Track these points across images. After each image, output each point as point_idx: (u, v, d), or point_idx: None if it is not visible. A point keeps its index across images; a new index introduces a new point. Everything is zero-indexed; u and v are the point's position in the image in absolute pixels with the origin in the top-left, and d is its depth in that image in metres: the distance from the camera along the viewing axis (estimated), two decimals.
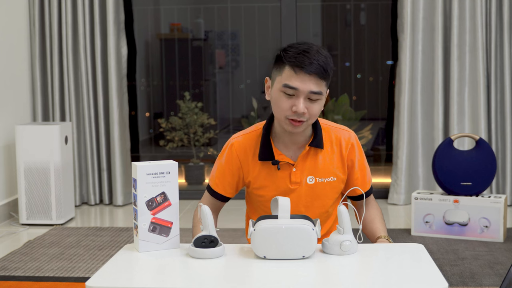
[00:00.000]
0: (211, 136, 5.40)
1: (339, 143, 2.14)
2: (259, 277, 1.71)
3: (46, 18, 4.62)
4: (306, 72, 1.96)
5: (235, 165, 2.16)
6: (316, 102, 2.00)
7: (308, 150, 2.11)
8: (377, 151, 6.07)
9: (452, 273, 3.08)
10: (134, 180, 1.86)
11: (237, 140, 2.16)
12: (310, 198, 2.13)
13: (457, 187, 3.71)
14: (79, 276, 3.12)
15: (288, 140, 2.12)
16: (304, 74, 1.97)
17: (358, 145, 2.17)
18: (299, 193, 2.12)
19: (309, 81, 1.97)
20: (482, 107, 4.45)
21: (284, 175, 2.12)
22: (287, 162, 2.11)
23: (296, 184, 2.11)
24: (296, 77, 1.97)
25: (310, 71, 1.96)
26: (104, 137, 4.71)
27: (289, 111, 2.00)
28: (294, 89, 1.98)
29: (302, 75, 1.97)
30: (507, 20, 4.42)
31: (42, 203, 4.13)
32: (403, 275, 1.71)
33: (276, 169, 2.11)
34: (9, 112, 4.40)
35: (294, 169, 2.11)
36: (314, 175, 2.11)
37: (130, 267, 1.80)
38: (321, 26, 6.78)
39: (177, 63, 6.64)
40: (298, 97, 1.99)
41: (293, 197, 2.11)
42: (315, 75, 1.97)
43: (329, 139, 2.14)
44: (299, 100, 1.98)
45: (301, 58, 1.97)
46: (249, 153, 2.14)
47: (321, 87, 2.00)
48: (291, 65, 1.98)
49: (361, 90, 6.52)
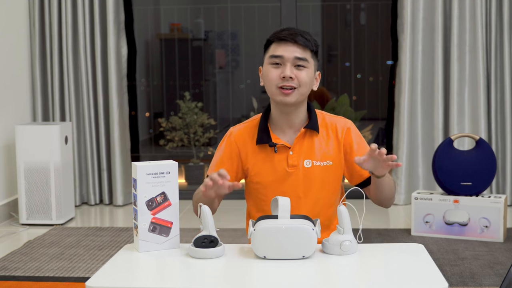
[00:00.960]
0: (211, 136, 5.41)
1: (335, 128, 2.20)
2: (259, 277, 1.71)
3: (46, 18, 4.62)
4: (288, 40, 2.12)
5: (234, 152, 2.21)
6: (303, 70, 2.12)
7: (304, 133, 2.17)
8: None
9: (452, 273, 3.08)
10: (134, 180, 1.86)
11: (236, 129, 2.25)
12: (307, 182, 2.17)
13: (457, 187, 3.71)
14: (79, 276, 3.12)
15: (284, 123, 2.18)
16: (287, 43, 2.12)
17: (354, 130, 2.23)
18: (297, 177, 2.16)
19: (292, 49, 2.11)
20: (482, 107, 4.45)
21: (281, 158, 2.17)
22: (284, 145, 2.17)
23: (293, 167, 2.16)
24: (280, 47, 2.13)
25: (292, 39, 2.11)
26: (104, 137, 4.71)
27: (278, 80, 2.12)
28: (280, 57, 2.12)
29: (285, 45, 2.12)
30: (507, 20, 4.42)
31: (42, 203, 4.13)
32: (403, 275, 1.71)
33: (273, 152, 2.17)
34: (9, 112, 4.40)
35: (291, 152, 2.16)
36: (310, 159, 2.17)
37: (130, 267, 1.80)
38: (321, 26, 6.79)
39: (177, 63, 6.64)
40: (285, 64, 2.12)
41: (291, 181, 2.16)
42: (298, 44, 2.11)
43: (325, 124, 2.21)
44: (286, 66, 2.11)
45: (283, 32, 2.14)
46: (248, 140, 2.21)
47: (306, 55, 2.12)
48: (275, 39, 2.14)
49: (361, 90, 6.52)
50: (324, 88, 5.88)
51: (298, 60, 2.11)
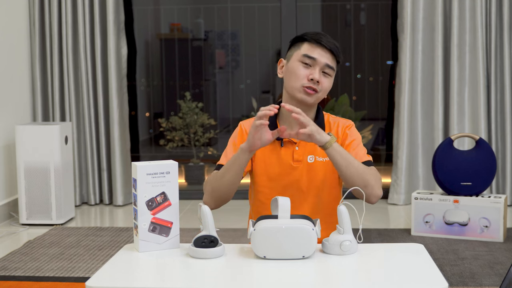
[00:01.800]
0: (211, 136, 5.41)
1: (337, 126, 2.29)
2: (259, 277, 1.71)
3: (46, 18, 4.62)
4: (324, 46, 2.20)
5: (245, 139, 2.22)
6: (328, 77, 2.21)
7: None
8: (377, 151, 6.07)
9: (452, 273, 3.08)
10: (134, 180, 1.86)
11: (246, 121, 2.34)
12: (310, 176, 2.24)
13: (457, 187, 3.71)
14: (79, 276, 3.12)
15: (293, 120, 2.22)
16: (322, 48, 2.20)
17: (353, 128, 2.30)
18: (301, 171, 2.24)
19: (325, 55, 2.20)
20: (482, 107, 4.45)
21: (287, 152, 2.24)
22: (290, 140, 2.24)
23: (298, 162, 2.24)
24: (315, 49, 2.20)
25: (328, 46, 2.20)
26: (104, 137, 4.71)
27: (305, 79, 2.19)
28: (313, 59, 2.19)
29: (320, 49, 2.20)
30: (507, 20, 4.42)
31: (42, 203, 4.13)
32: (403, 275, 1.71)
33: (280, 146, 2.24)
34: (9, 112, 4.40)
35: (297, 148, 2.24)
36: (314, 154, 2.24)
37: (130, 267, 1.80)
38: (321, 26, 6.78)
39: (177, 63, 6.64)
40: (315, 67, 2.19)
41: (295, 175, 2.23)
42: (331, 52, 2.20)
43: (329, 123, 2.30)
44: (316, 70, 2.19)
45: (320, 36, 2.22)
46: None
47: (334, 64, 2.22)
48: (311, 40, 2.21)
49: (361, 90, 6.52)
50: None
51: (327, 68, 2.20)
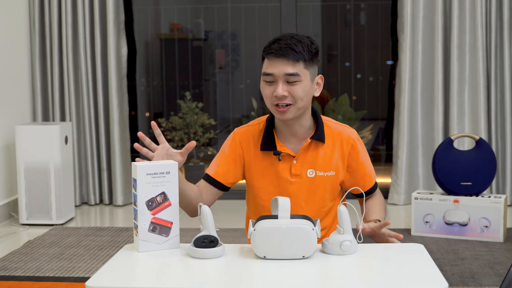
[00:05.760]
0: (211, 136, 5.41)
1: (341, 140, 2.17)
2: (259, 277, 1.71)
3: (46, 18, 4.62)
4: (277, 56, 2.04)
5: (238, 153, 2.20)
6: (296, 84, 2.06)
7: (309, 143, 2.15)
8: (377, 151, 6.07)
9: (452, 273, 3.08)
10: (134, 180, 1.86)
11: (241, 130, 2.22)
12: (310, 192, 2.16)
13: (457, 187, 3.71)
14: (79, 276, 3.12)
15: (287, 132, 2.16)
16: (276, 58, 2.05)
17: (360, 144, 2.21)
18: (300, 186, 2.15)
19: (281, 65, 2.04)
20: (482, 107, 4.45)
21: (285, 166, 2.15)
22: (288, 154, 2.14)
23: (296, 176, 2.15)
24: (271, 64, 2.06)
25: (280, 54, 2.04)
26: (104, 137, 4.71)
27: (272, 98, 2.07)
28: (271, 75, 2.06)
29: (275, 61, 2.05)
30: (507, 20, 4.42)
31: (42, 203, 4.13)
32: (403, 275, 1.71)
33: (277, 160, 2.15)
34: (9, 112, 4.40)
35: (295, 161, 2.14)
36: (314, 169, 2.15)
37: (130, 267, 1.80)
38: (321, 26, 6.78)
39: (177, 63, 6.63)
40: (277, 82, 2.06)
41: (294, 190, 2.15)
42: (287, 58, 2.04)
43: (331, 135, 2.17)
44: (278, 84, 2.05)
45: (272, 46, 2.07)
46: (252, 143, 2.19)
47: (298, 69, 2.05)
48: (266, 54, 2.08)
49: (361, 90, 6.52)
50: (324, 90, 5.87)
51: (289, 77, 2.04)
